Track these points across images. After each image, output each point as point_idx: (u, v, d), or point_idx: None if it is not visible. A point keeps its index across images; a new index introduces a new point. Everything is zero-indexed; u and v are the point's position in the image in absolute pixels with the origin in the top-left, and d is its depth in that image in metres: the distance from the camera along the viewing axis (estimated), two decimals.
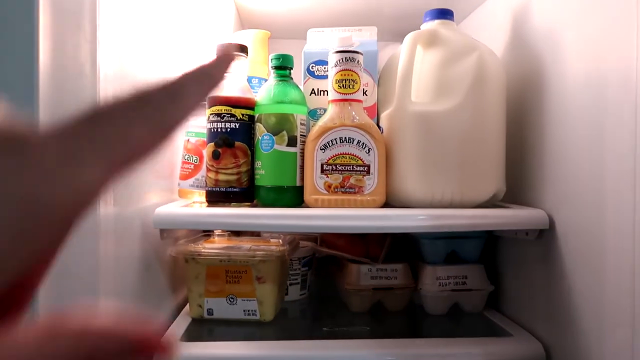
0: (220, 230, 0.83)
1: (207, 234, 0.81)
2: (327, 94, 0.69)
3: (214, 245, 0.72)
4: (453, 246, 0.76)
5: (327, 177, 0.66)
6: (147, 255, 0.64)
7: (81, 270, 0.45)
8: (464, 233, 0.76)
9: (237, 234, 0.85)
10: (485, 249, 0.77)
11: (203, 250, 0.70)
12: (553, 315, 0.62)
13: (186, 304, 0.76)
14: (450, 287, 0.74)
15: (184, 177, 0.75)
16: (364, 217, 0.60)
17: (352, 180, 0.65)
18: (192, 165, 0.75)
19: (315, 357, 0.59)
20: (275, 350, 0.60)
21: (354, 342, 0.62)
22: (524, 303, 0.70)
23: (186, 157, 0.75)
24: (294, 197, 0.67)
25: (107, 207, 0.51)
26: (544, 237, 0.64)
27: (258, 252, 0.69)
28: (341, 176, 0.65)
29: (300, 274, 0.83)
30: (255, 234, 0.91)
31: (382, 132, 0.68)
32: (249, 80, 0.80)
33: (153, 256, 0.66)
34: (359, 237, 0.80)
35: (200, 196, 0.75)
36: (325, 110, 0.70)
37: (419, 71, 0.69)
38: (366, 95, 0.73)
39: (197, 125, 0.76)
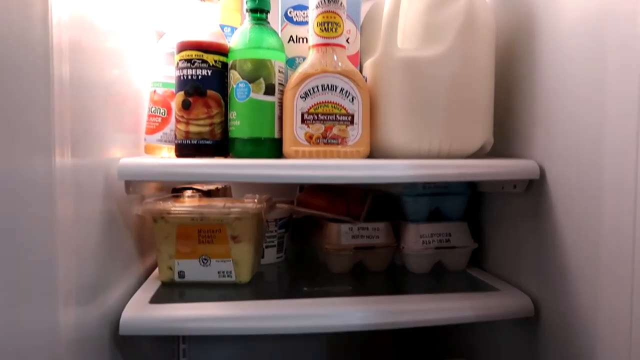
0: (190, 192, 0.77)
1: (177, 194, 0.75)
2: (307, 41, 0.65)
3: (185, 204, 0.67)
4: (436, 203, 0.74)
5: (308, 127, 0.61)
6: (111, 213, 0.58)
7: (34, 229, 0.39)
8: (447, 190, 0.73)
9: (208, 195, 0.80)
10: (469, 207, 0.75)
11: (173, 209, 0.64)
12: (542, 270, 0.60)
13: (155, 269, 0.71)
14: (434, 245, 0.71)
15: (151, 131, 0.69)
16: (348, 167, 0.56)
17: (334, 131, 0.61)
18: (160, 119, 0.69)
19: (297, 315, 0.56)
20: (254, 310, 0.56)
21: (336, 300, 0.59)
22: (509, 260, 0.69)
23: (153, 109, 0.69)
24: (272, 150, 0.63)
25: (63, 158, 0.44)
26: (533, 189, 0.62)
27: (233, 210, 0.64)
28: (323, 126, 0.61)
29: (277, 236, 0.79)
30: (227, 194, 0.86)
31: (365, 82, 0.64)
32: (221, 28, 0.74)
33: (118, 214, 0.61)
34: (339, 196, 0.77)
35: (169, 152, 0.69)
36: (304, 58, 0.65)
37: (405, 16, 0.65)
38: (348, 42, 0.68)
39: (164, 75, 0.70)
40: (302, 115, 0.61)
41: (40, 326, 0.40)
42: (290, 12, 0.69)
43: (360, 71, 0.69)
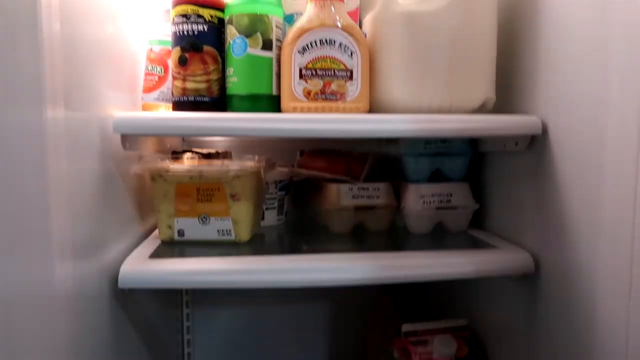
0: (190, 155, 0.77)
1: (176, 157, 0.75)
2: None
3: (183, 164, 0.66)
4: (437, 164, 0.73)
5: (307, 82, 0.60)
6: (108, 170, 0.58)
7: (26, 181, 0.39)
8: (449, 150, 0.72)
9: (207, 158, 0.79)
10: (470, 168, 0.74)
11: (171, 167, 0.64)
12: (543, 228, 0.60)
13: (155, 230, 0.71)
14: (435, 205, 0.71)
15: (148, 89, 0.68)
16: (347, 121, 0.55)
17: (333, 86, 0.60)
18: (157, 77, 0.68)
19: (296, 269, 0.55)
20: (253, 264, 0.56)
21: (336, 255, 0.58)
22: (510, 220, 0.68)
23: (149, 67, 0.68)
24: (270, 106, 0.62)
25: (55, 111, 0.44)
26: (535, 146, 0.61)
27: (232, 168, 0.63)
28: (321, 82, 0.60)
29: (277, 199, 0.79)
30: (227, 158, 0.86)
31: (365, 38, 0.63)
32: None
33: (115, 172, 0.60)
34: (339, 157, 0.76)
35: (166, 110, 0.68)
36: (302, 14, 0.64)
37: None
38: None
39: (161, 33, 0.69)
40: (300, 70, 0.60)
41: (35, 279, 0.40)
42: None
43: (360, 27, 0.67)
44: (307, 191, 0.84)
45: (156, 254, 0.60)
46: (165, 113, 0.58)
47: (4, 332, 0.34)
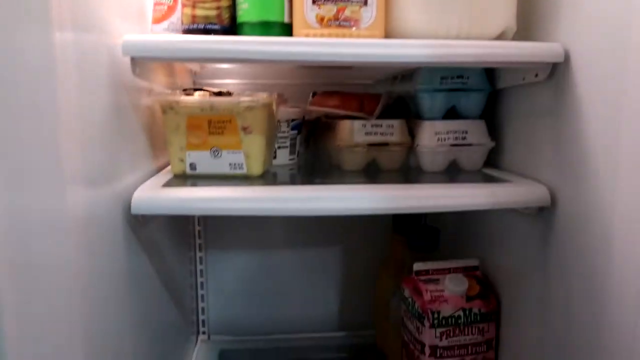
0: (201, 93, 0.76)
1: (186, 93, 0.74)
2: None
3: (194, 97, 0.65)
4: (453, 101, 0.71)
5: (319, 8, 0.58)
6: (118, 100, 0.57)
7: (36, 114, 0.38)
8: (465, 86, 0.70)
9: (218, 96, 0.78)
10: (486, 106, 0.72)
11: (182, 99, 0.63)
12: (561, 164, 0.58)
13: (167, 167, 0.71)
14: (449, 142, 0.69)
15: (157, 20, 0.67)
16: (362, 45, 0.54)
17: (347, 12, 0.58)
18: (165, 6, 0.66)
19: (308, 197, 0.55)
20: (265, 192, 0.56)
21: (348, 186, 0.58)
22: (527, 157, 0.66)
23: None
24: (282, 34, 0.60)
25: (64, 33, 0.42)
26: (556, 77, 0.58)
27: (243, 99, 0.62)
28: (335, 7, 0.58)
29: (289, 137, 0.78)
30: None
31: None
32: None
33: (126, 102, 0.60)
34: (352, 96, 0.74)
35: None
36: None
37: None
38: None
39: None
40: None
41: (47, 205, 0.39)
42: None
43: None
44: (319, 132, 0.83)
45: (168, 185, 0.60)
46: (175, 35, 0.57)
47: (22, 258, 0.35)
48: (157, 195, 0.55)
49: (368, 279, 1.03)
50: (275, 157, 0.76)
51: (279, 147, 0.77)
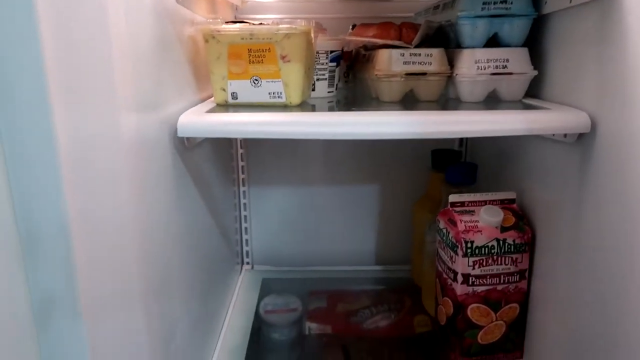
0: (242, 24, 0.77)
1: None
2: None
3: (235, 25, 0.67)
4: (495, 28, 0.69)
5: None
6: (163, 30, 0.59)
7: (91, 42, 0.41)
8: (509, 11, 0.68)
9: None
10: (530, 33, 0.70)
11: (224, 27, 0.65)
12: (604, 92, 0.56)
13: (211, 97, 0.74)
14: (489, 71, 0.68)
15: None
16: None
17: None
18: None
19: (345, 122, 0.57)
20: (304, 117, 0.58)
21: (385, 112, 0.59)
22: (569, 86, 0.65)
23: None
24: None
25: None
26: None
27: (281, 27, 0.63)
28: None
29: (328, 69, 0.79)
30: None
31: None
32: None
33: (171, 32, 0.62)
34: (391, 25, 0.74)
35: None
36: None
37: None
38: None
39: None
40: None
41: (103, 129, 0.43)
42: None
43: None
44: (358, 66, 0.84)
45: (212, 112, 0.63)
46: None
47: (87, 172, 0.39)
48: (201, 119, 0.58)
49: (406, 216, 1.05)
50: (314, 90, 0.78)
51: (317, 79, 0.78)
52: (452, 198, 0.77)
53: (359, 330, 0.92)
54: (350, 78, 0.92)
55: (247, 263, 1.15)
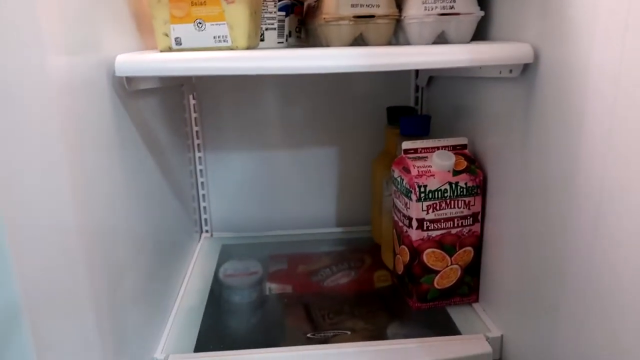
0: None
1: None
2: None
3: None
4: None
5: None
6: None
7: None
8: None
9: None
10: None
11: None
12: (546, 28, 0.57)
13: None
14: (437, 12, 0.68)
15: None
16: None
17: None
18: None
19: (294, 56, 0.56)
20: (251, 54, 0.56)
21: (334, 49, 0.58)
22: (514, 26, 0.65)
23: None
24: None
25: None
26: None
27: None
28: None
29: (277, 19, 0.77)
30: None
31: None
32: None
33: None
34: None
35: None
36: None
37: None
38: None
39: None
40: None
41: (29, 67, 0.40)
42: None
43: None
44: (308, 18, 0.82)
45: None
46: None
47: (10, 115, 0.36)
48: (141, 57, 0.56)
49: (366, 177, 1.05)
50: (263, 40, 0.76)
51: (266, 29, 0.77)
52: (406, 145, 0.77)
53: (319, 288, 0.92)
54: (303, 34, 0.91)
55: (206, 231, 1.13)
